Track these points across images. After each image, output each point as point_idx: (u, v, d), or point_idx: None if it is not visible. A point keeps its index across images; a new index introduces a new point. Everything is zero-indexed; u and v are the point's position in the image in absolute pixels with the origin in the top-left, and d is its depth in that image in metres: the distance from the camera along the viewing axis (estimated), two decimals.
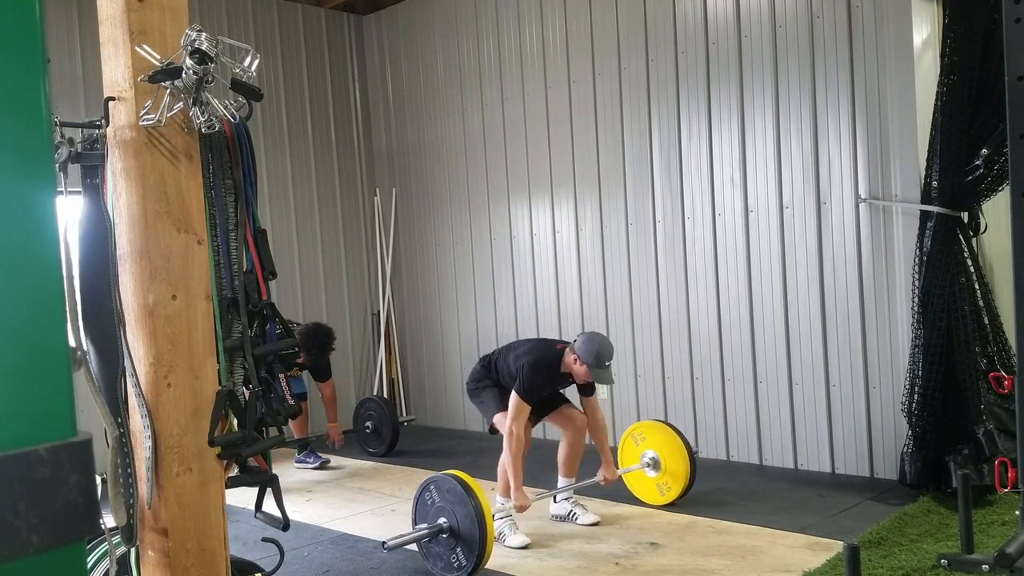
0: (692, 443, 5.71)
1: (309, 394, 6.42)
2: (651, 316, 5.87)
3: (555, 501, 4.65)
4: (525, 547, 4.19)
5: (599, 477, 4.52)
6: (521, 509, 4.20)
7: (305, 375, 6.27)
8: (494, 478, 4.59)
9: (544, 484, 4.97)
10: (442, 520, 3.86)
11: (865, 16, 4.84)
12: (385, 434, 6.43)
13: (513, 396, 4.25)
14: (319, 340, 5.98)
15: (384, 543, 3.86)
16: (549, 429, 6.36)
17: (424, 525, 3.93)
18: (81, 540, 1.00)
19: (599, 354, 4.23)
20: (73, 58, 5.96)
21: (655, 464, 4.78)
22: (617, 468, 4.69)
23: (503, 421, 4.33)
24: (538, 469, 5.31)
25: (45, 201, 0.98)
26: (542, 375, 4.30)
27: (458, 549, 3.81)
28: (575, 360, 4.27)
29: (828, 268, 5.07)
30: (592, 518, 4.52)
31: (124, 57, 2.11)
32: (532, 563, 4.01)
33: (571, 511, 4.56)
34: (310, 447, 6.22)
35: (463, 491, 3.82)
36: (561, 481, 4.62)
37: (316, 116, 7.39)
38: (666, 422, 5.06)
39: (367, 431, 6.52)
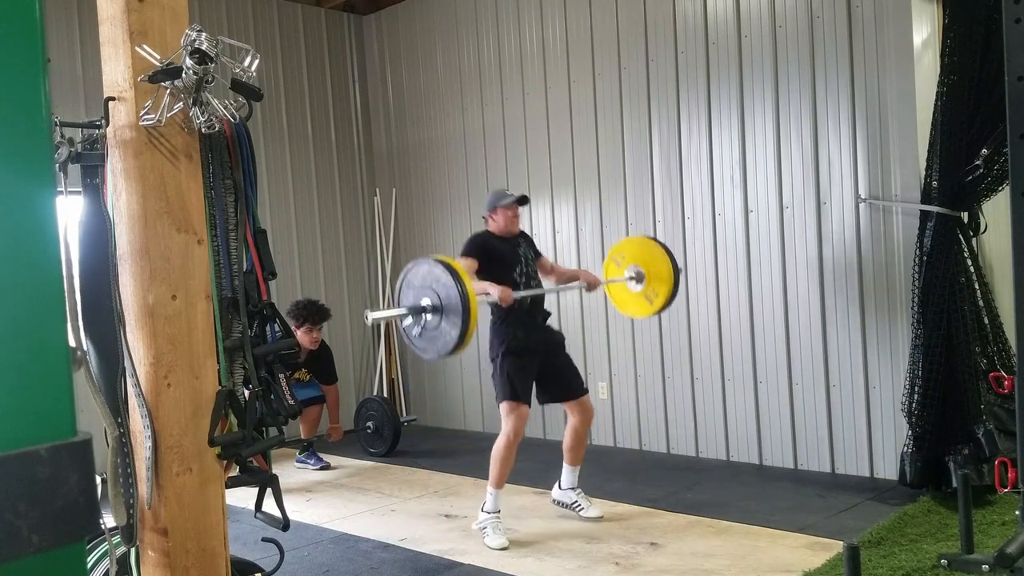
0: (692, 442, 5.73)
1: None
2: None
3: (559, 487, 4.64)
4: (503, 549, 4.16)
5: (581, 282, 4.57)
6: (504, 301, 4.16)
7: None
8: None
9: (545, 484, 4.98)
10: (426, 301, 3.75)
11: (865, 16, 4.84)
12: (387, 434, 6.43)
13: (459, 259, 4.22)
14: (317, 307, 6.03)
15: (367, 314, 3.80)
16: (551, 430, 6.37)
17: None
18: (81, 540, 1.00)
19: (495, 194, 4.57)
20: (73, 58, 5.96)
21: (639, 277, 4.78)
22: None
23: (506, 411, 4.30)
24: (540, 469, 5.31)
25: (45, 201, 0.98)
26: (477, 240, 4.42)
27: (443, 321, 3.69)
28: (491, 218, 4.49)
29: (828, 268, 5.07)
30: (596, 512, 4.52)
31: (124, 57, 2.11)
32: (532, 563, 4.01)
33: (576, 501, 4.56)
34: (312, 448, 6.22)
35: (435, 265, 3.74)
36: (566, 469, 4.61)
37: (316, 116, 7.39)
38: (646, 236, 5.16)
39: (368, 431, 6.52)
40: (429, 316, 3.74)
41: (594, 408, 4.66)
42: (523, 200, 4.51)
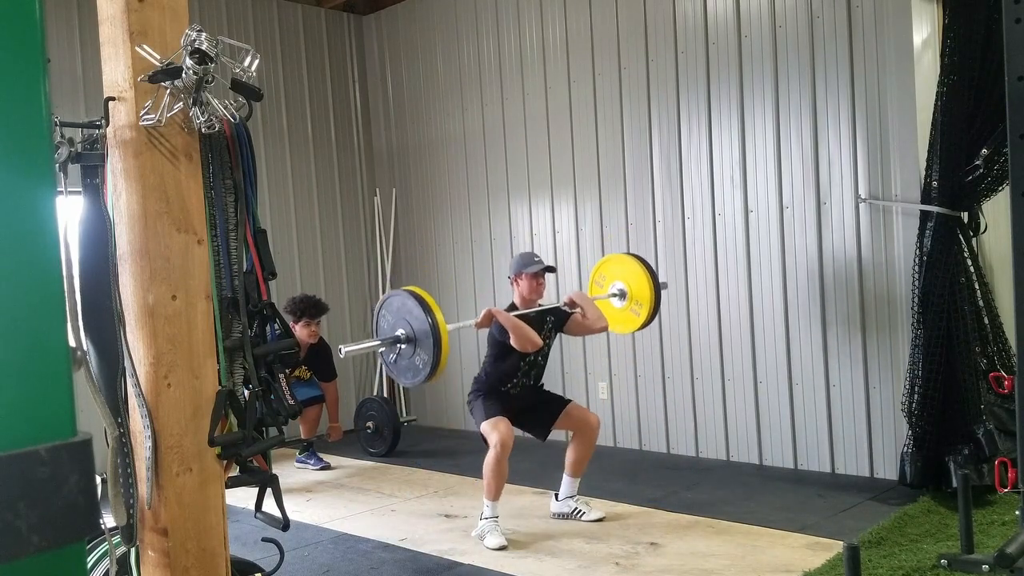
0: (692, 442, 5.73)
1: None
2: None
3: (556, 499, 4.65)
4: (501, 549, 4.17)
5: (565, 301, 4.58)
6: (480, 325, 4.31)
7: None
8: None
9: (545, 484, 4.98)
10: (399, 332, 3.83)
11: (865, 16, 4.84)
12: (387, 434, 6.44)
13: (511, 332, 4.23)
14: (314, 301, 6.04)
15: (340, 348, 3.82)
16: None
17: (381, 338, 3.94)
18: (81, 540, 1.00)
19: (521, 258, 4.55)
20: (73, 58, 5.96)
21: (621, 294, 4.82)
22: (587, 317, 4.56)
23: (488, 430, 4.32)
24: (540, 469, 5.32)
25: (45, 201, 0.98)
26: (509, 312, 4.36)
27: (417, 351, 3.79)
28: (515, 283, 4.48)
29: (828, 268, 5.07)
30: (598, 514, 4.52)
31: (124, 57, 2.11)
32: (532, 563, 4.01)
33: (576, 508, 4.56)
34: (312, 448, 6.22)
35: (408, 297, 3.80)
36: (566, 480, 4.61)
37: (316, 116, 7.39)
38: (626, 253, 5.18)
39: (368, 431, 6.53)
40: (403, 346, 3.83)
41: (599, 419, 4.64)
42: (549, 269, 4.53)
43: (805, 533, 4.14)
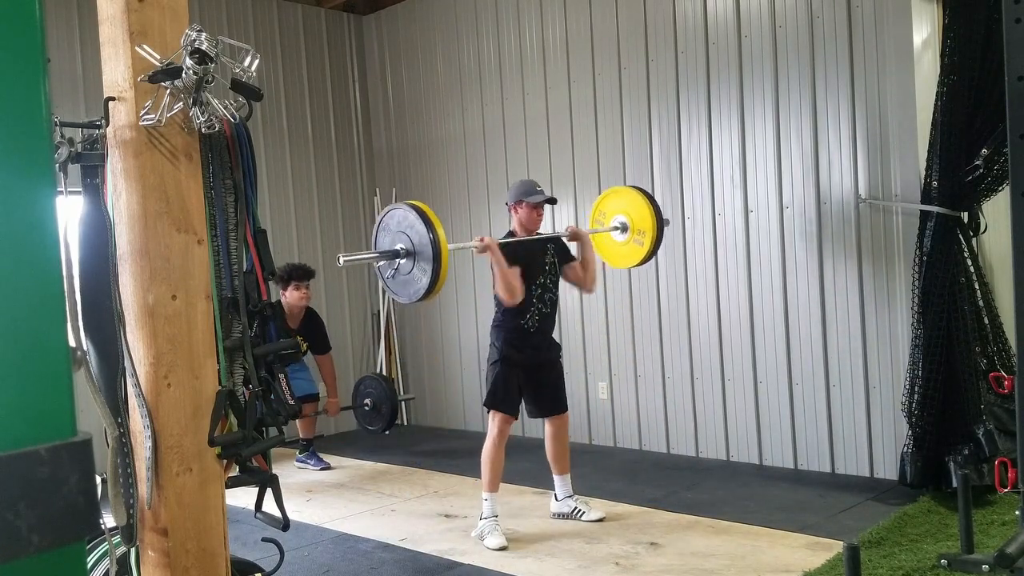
0: (692, 442, 5.73)
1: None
2: (651, 316, 5.87)
3: (556, 499, 4.65)
4: (501, 549, 4.17)
5: (566, 229, 4.58)
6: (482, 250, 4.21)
7: (314, 372, 6.28)
8: None
9: (545, 484, 4.98)
10: (399, 246, 3.75)
11: (865, 16, 4.84)
12: (385, 411, 6.40)
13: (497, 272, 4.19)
14: (299, 265, 6.07)
15: (339, 257, 3.76)
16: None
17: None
18: (81, 540, 1.00)
19: (522, 185, 4.45)
20: (73, 58, 5.96)
21: (623, 227, 4.77)
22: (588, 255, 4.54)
23: (490, 417, 4.37)
24: (540, 469, 5.31)
25: (45, 201, 0.98)
26: (509, 249, 4.28)
27: (416, 264, 3.69)
28: (513, 210, 4.42)
29: (828, 268, 5.07)
30: (598, 514, 4.52)
31: (124, 57, 2.11)
32: (532, 563, 4.01)
33: (576, 508, 4.57)
34: (312, 449, 6.22)
35: (409, 210, 3.72)
36: (557, 481, 4.62)
37: (316, 116, 7.39)
38: (626, 185, 5.19)
39: (367, 408, 6.50)
40: (402, 261, 3.73)
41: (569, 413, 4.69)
42: (551, 200, 4.46)
43: (805, 533, 4.14)
